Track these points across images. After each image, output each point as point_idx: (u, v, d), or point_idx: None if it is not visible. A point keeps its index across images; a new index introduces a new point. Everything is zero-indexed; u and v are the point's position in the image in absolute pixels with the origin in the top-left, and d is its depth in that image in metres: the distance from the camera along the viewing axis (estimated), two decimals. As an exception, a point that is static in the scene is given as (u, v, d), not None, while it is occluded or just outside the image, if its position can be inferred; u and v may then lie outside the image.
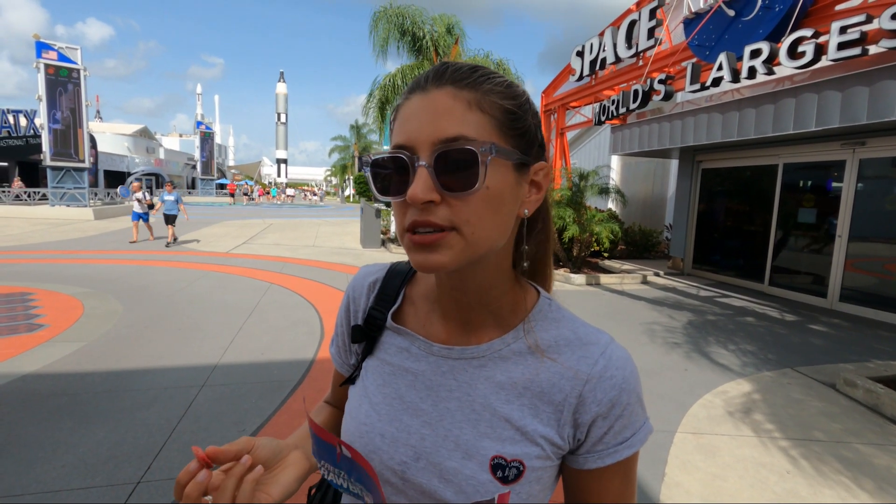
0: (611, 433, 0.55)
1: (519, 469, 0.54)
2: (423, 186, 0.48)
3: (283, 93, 72.07)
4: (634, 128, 9.32)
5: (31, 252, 9.46)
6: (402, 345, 0.63)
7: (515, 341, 0.59)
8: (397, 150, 0.51)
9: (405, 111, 0.52)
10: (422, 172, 0.49)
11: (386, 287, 0.68)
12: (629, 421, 0.56)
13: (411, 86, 0.53)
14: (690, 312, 6.33)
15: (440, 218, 0.49)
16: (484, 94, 0.51)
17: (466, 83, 0.51)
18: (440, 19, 15.24)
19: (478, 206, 0.49)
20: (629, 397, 0.56)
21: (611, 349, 0.57)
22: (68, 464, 2.49)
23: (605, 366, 0.56)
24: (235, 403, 3.24)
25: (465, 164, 0.48)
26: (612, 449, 0.55)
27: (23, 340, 4.32)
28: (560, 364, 0.57)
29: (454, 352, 0.60)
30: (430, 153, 0.49)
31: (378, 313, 0.66)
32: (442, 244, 0.49)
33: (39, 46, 17.19)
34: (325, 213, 27.60)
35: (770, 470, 2.67)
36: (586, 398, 0.55)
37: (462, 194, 0.49)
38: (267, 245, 11.75)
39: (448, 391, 0.58)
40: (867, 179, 6.67)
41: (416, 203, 0.49)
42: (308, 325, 5.14)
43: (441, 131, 0.49)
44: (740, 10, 6.15)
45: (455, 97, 0.50)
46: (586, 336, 0.58)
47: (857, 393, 3.62)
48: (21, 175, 26.11)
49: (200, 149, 43.24)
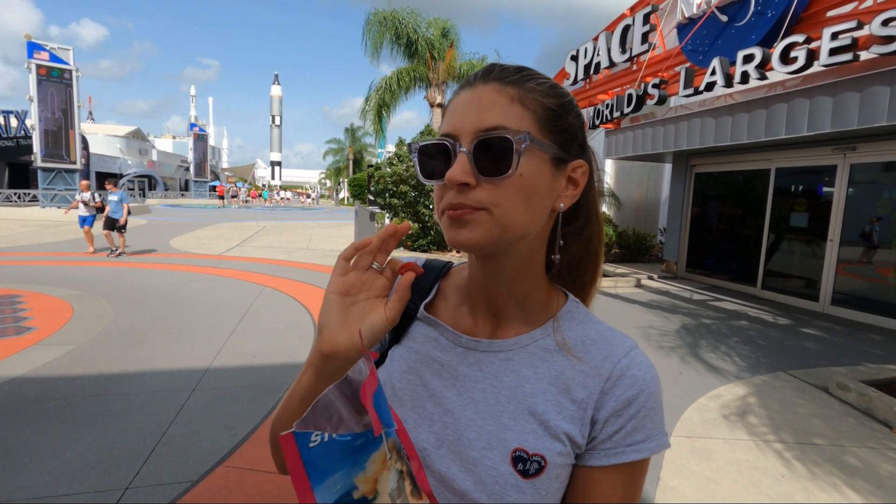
0: (622, 432, 0.55)
1: (540, 464, 0.54)
2: (460, 170, 0.52)
3: (277, 95, 71.97)
4: (628, 132, 9.37)
5: (21, 254, 9.35)
6: (430, 335, 0.64)
7: (543, 338, 0.60)
8: (443, 138, 0.54)
9: (453, 104, 0.57)
10: (461, 158, 0.52)
11: (421, 280, 0.68)
12: (642, 424, 0.55)
13: (462, 83, 0.58)
14: (684, 316, 6.36)
15: (472, 200, 0.52)
16: (527, 91, 0.54)
17: (511, 80, 0.55)
18: (435, 23, 15.28)
19: (510, 191, 0.52)
20: (647, 400, 0.55)
21: (635, 352, 0.58)
22: (55, 469, 2.44)
23: (627, 365, 0.56)
24: (227, 407, 3.21)
25: (501, 150, 0.51)
26: (620, 449, 0.54)
27: (10, 343, 4.25)
28: (585, 363, 0.57)
29: (482, 344, 0.61)
30: (470, 140, 0.52)
31: (411, 303, 0.66)
32: (472, 221, 0.52)
33: (31, 47, 17.07)
34: (319, 215, 27.52)
35: (764, 473, 2.67)
36: (606, 394, 0.55)
37: (496, 179, 0.52)
38: (260, 248, 11.68)
39: (473, 382, 0.59)
40: (858, 184, 6.74)
41: (452, 184, 0.52)
42: (301, 328, 5.11)
43: (483, 121, 0.52)
44: (733, 16, 6.20)
45: (499, 92, 0.54)
46: (612, 338, 0.59)
47: (850, 396, 3.64)
48: (11, 176, 25.85)
49: (194, 151, 43.09)
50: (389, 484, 0.45)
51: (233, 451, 2.67)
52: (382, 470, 0.45)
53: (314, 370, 0.55)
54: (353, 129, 48.25)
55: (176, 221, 18.79)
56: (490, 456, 0.54)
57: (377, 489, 0.45)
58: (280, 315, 5.57)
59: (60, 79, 17.53)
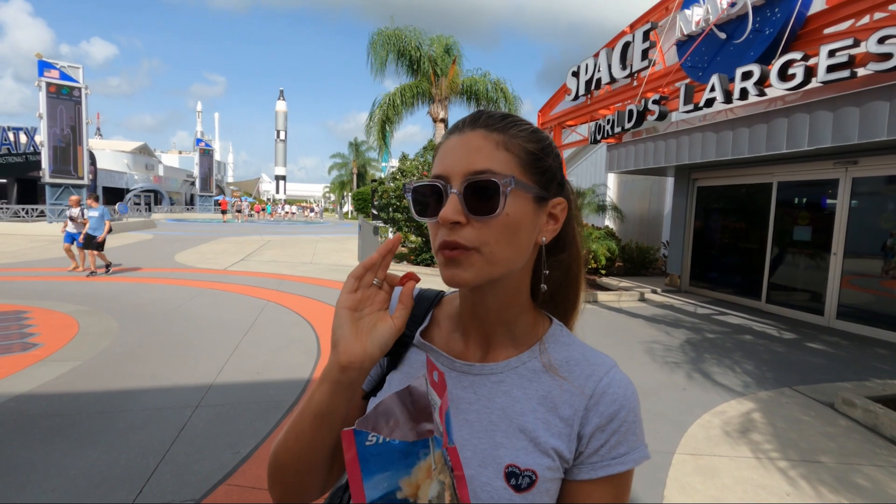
0: (606, 446, 0.59)
1: (531, 478, 0.57)
2: (452, 209, 0.56)
3: (282, 110, 72.79)
4: (630, 146, 9.43)
5: (28, 269, 9.43)
6: (425, 361, 0.66)
7: (530, 360, 0.64)
8: (435, 180, 0.59)
9: (444, 148, 0.61)
10: (453, 198, 0.57)
11: (416, 309, 0.72)
12: (625, 438, 0.59)
13: (450, 129, 0.63)
14: (688, 330, 6.33)
15: (464, 238, 0.56)
16: (511, 137, 0.60)
17: (496, 127, 0.60)
18: (438, 40, 15.50)
19: (498, 229, 0.57)
20: (628, 414, 0.60)
21: (615, 371, 0.63)
22: (59, 487, 2.45)
23: (608, 383, 0.61)
24: (230, 424, 3.21)
25: (488, 192, 0.56)
26: (605, 462, 0.59)
27: (16, 360, 4.28)
28: (569, 382, 0.62)
29: (474, 368, 0.65)
30: (460, 182, 0.57)
31: (407, 331, 0.70)
32: (465, 262, 0.57)
33: (42, 65, 17.40)
34: (323, 229, 27.65)
35: (770, 492, 2.64)
36: (590, 411, 0.60)
37: (484, 218, 0.56)
38: (264, 262, 11.74)
39: (468, 404, 0.63)
40: (860, 197, 6.74)
41: (445, 222, 0.56)
42: (305, 343, 5.12)
43: (472, 165, 0.57)
44: (731, 33, 6.28)
45: (486, 138, 0.59)
46: (594, 358, 0.64)
47: (856, 413, 3.61)
48: (19, 191, 26.18)
49: (199, 165, 43.48)
50: (430, 491, 0.52)
51: (235, 469, 2.67)
52: (426, 478, 0.52)
53: (330, 383, 0.57)
54: (357, 143, 48.66)
55: (181, 236, 18.92)
56: (485, 472, 0.58)
57: (418, 494, 0.51)
58: (284, 330, 5.59)
59: (70, 96, 17.84)
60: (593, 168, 15.74)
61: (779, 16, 5.64)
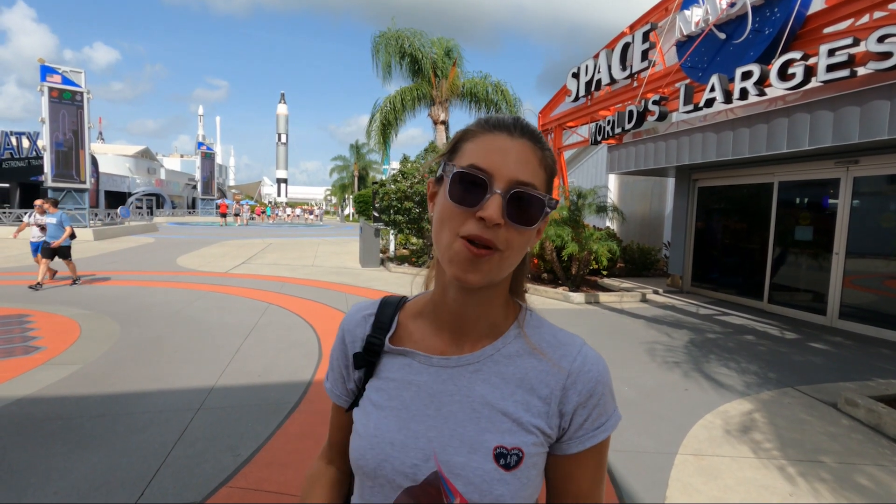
0: (589, 420, 0.65)
1: (519, 456, 0.62)
2: (498, 210, 0.58)
3: (283, 114, 72.97)
4: (630, 147, 9.42)
5: (30, 273, 9.45)
6: (402, 362, 0.70)
7: (505, 346, 0.68)
8: (481, 172, 0.59)
9: (488, 143, 0.61)
10: (498, 199, 0.58)
11: (380, 316, 0.75)
12: (603, 409, 0.66)
13: (494, 123, 0.63)
14: (690, 331, 6.31)
15: (499, 239, 0.59)
16: (545, 156, 0.64)
17: (539, 144, 0.63)
18: (439, 42, 15.53)
19: (523, 240, 0.61)
20: (603, 388, 0.66)
21: (585, 349, 0.68)
22: (61, 490, 2.45)
23: (582, 362, 0.66)
24: (231, 427, 3.21)
25: (532, 206, 0.60)
26: (590, 434, 0.64)
27: (19, 363, 4.29)
28: (545, 362, 0.66)
29: (451, 361, 0.67)
30: (506, 187, 0.59)
31: (376, 340, 0.72)
32: (482, 263, 0.59)
33: (44, 70, 17.48)
34: (324, 232, 27.68)
35: (772, 492, 2.63)
36: (568, 389, 0.64)
37: (521, 227, 0.60)
38: (266, 265, 11.75)
39: (449, 396, 0.66)
40: (862, 196, 6.72)
41: (490, 222, 0.58)
42: (306, 346, 5.12)
43: (519, 174, 0.60)
44: (731, 34, 6.28)
45: (533, 152, 0.62)
46: (563, 338, 0.69)
47: (859, 412, 3.59)
48: (22, 196, 26.26)
49: (201, 169, 43.58)
50: None
51: (237, 471, 2.67)
52: None
53: None
54: (358, 146, 48.74)
55: (183, 239, 18.95)
56: (475, 458, 0.61)
57: None
58: (285, 333, 5.59)
59: (72, 101, 17.90)
60: (594, 169, 15.73)
61: (778, 15, 5.64)
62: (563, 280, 8.88)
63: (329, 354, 0.82)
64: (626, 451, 3.03)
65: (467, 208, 0.59)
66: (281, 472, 2.68)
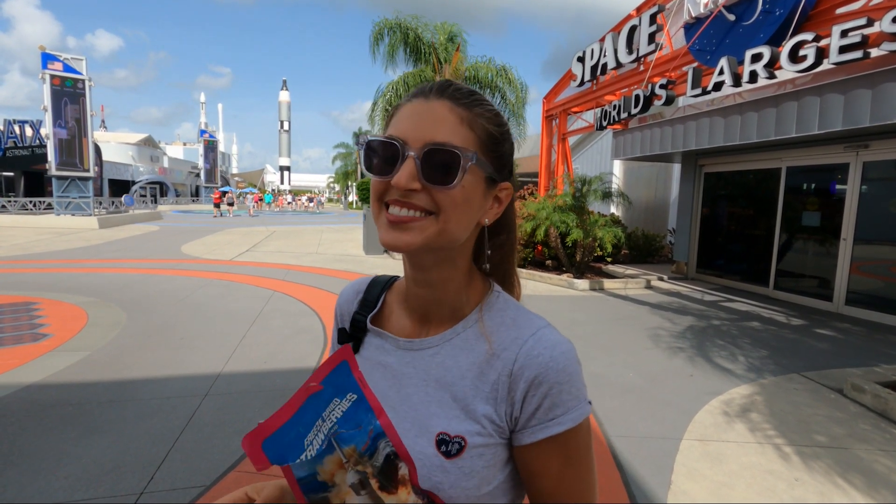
0: (541, 410, 0.59)
1: (460, 444, 0.60)
2: (407, 175, 0.56)
3: (285, 101, 72.58)
4: (636, 132, 9.32)
5: (36, 261, 9.51)
6: (378, 343, 0.71)
7: (464, 330, 0.66)
8: (392, 138, 0.58)
9: (405, 111, 0.61)
10: (410, 162, 0.57)
11: (368, 295, 0.76)
12: (558, 399, 0.59)
13: (415, 92, 0.62)
14: (695, 317, 6.30)
15: (422, 201, 0.57)
16: (475, 115, 0.60)
17: (463, 102, 0.60)
18: (442, 28, 15.33)
19: (450, 201, 0.58)
20: (557, 376, 0.59)
21: (542, 332, 0.62)
22: (71, 475, 2.48)
23: (532, 345, 0.61)
24: (239, 412, 3.24)
25: (449, 163, 0.57)
26: (542, 425, 0.59)
27: (27, 350, 4.33)
28: (496, 346, 0.63)
29: (414, 344, 0.67)
30: (420, 148, 0.57)
31: (361, 317, 0.74)
32: (415, 226, 0.58)
33: (45, 57, 17.38)
34: (327, 219, 27.69)
35: (778, 478, 2.64)
36: (516, 376, 0.60)
37: (441, 188, 0.57)
38: (270, 252, 11.77)
39: (409, 378, 0.66)
40: (871, 182, 6.64)
41: (399, 188, 0.57)
42: (311, 332, 5.14)
43: (434, 134, 0.57)
44: (741, 15, 6.16)
45: (451, 111, 0.59)
46: (523, 321, 0.65)
47: (865, 398, 3.59)
48: (26, 184, 26.34)
49: (204, 157, 43.55)
50: (349, 478, 0.59)
51: (244, 455, 2.70)
52: (338, 469, 0.59)
53: None
54: (361, 133, 48.46)
55: (187, 227, 19.01)
56: (420, 442, 0.60)
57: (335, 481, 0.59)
58: (290, 320, 5.61)
59: (74, 88, 17.82)
60: (599, 155, 15.60)
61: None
62: (567, 267, 8.85)
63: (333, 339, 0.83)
64: (632, 437, 3.03)
65: (385, 177, 0.58)
66: (288, 456, 2.71)
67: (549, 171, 11.33)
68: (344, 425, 0.60)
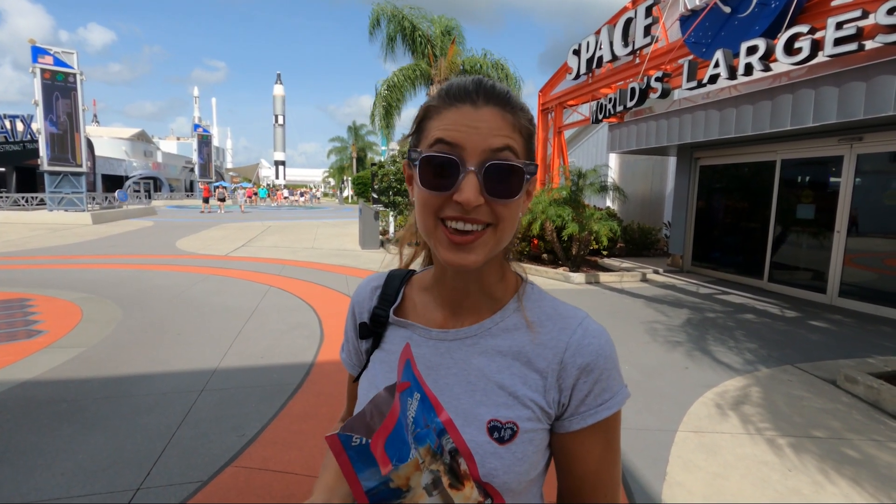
0: (591, 396, 0.62)
1: (513, 430, 0.61)
2: (474, 192, 0.56)
3: (280, 95, 72.03)
4: (632, 126, 9.31)
5: (29, 257, 9.44)
6: (404, 335, 0.70)
7: (503, 319, 0.66)
8: (450, 152, 0.57)
9: (452, 117, 0.59)
10: (471, 177, 0.56)
11: (387, 289, 0.76)
12: (607, 384, 0.62)
13: (455, 94, 0.60)
14: (690, 310, 6.33)
15: (482, 215, 0.58)
16: (518, 118, 0.61)
17: (509, 107, 0.60)
18: (439, 21, 15.24)
19: (511, 212, 0.60)
20: (605, 363, 0.63)
21: (587, 322, 0.65)
22: (67, 471, 2.48)
23: (582, 334, 0.63)
24: (235, 408, 3.23)
25: (510, 176, 0.58)
26: (592, 410, 0.62)
27: (21, 347, 4.30)
28: (543, 335, 0.64)
29: (450, 334, 0.67)
30: (479, 161, 0.57)
31: (381, 311, 0.73)
32: (477, 244, 0.59)
33: (35, 51, 17.16)
34: (323, 214, 27.58)
35: (772, 468, 2.66)
36: (567, 364, 0.62)
37: (504, 201, 0.58)
38: (266, 247, 11.73)
39: (447, 368, 0.65)
40: (865, 174, 6.67)
41: (468, 206, 0.56)
42: (307, 327, 5.13)
43: (490, 145, 0.57)
44: (736, 7, 6.14)
45: (502, 117, 0.59)
46: (565, 311, 0.67)
47: (858, 389, 3.62)
48: (18, 180, 26.10)
49: (198, 152, 43.26)
50: (423, 480, 0.58)
51: (241, 451, 2.70)
52: (415, 472, 0.58)
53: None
54: (356, 127, 48.25)
55: (182, 222, 18.90)
56: (469, 430, 0.61)
57: (410, 485, 0.58)
58: (286, 315, 5.60)
59: (65, 82, 17.62)
60: (594, 149, 15.60)
61: (785, -12, 5.50)
62: (563, 260, 8.87)
63: (329, 334, 0.82)
64: (628, 429, 3.05)
65: (443, 193, 0.58)
66: (285, 451, 2.71)
67: (544, 164, 11.32)
68: (418, 425, 0.60)
